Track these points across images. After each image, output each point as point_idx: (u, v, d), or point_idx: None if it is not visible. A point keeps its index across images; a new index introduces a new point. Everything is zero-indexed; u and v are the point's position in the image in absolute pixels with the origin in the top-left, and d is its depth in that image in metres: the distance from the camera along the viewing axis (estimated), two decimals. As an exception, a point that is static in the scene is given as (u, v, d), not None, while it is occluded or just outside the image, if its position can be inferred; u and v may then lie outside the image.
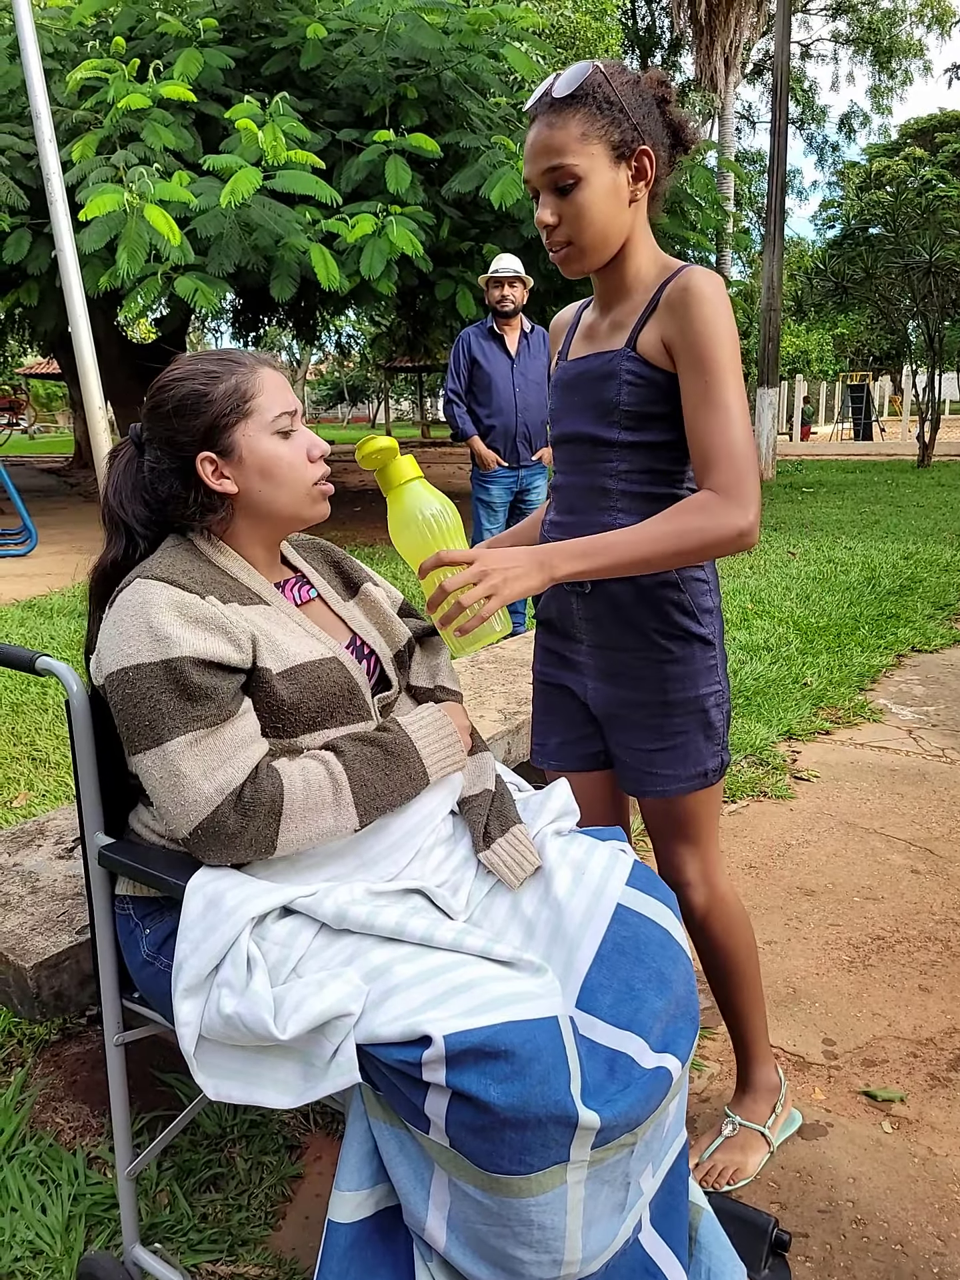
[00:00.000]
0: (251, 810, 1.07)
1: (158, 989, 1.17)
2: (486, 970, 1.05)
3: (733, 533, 1.19)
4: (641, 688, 1.42)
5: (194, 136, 6.78)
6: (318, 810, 1.10)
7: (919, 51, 25.55)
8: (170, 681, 1.07)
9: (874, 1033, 1.91)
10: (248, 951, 1.06)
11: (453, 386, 4.22)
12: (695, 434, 1.25)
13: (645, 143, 1.27)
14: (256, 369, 1.21)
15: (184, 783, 1.07)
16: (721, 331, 1.24)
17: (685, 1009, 1.14)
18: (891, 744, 3.42)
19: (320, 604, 1.34)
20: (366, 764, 1.14)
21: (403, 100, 7.11)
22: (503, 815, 1.30)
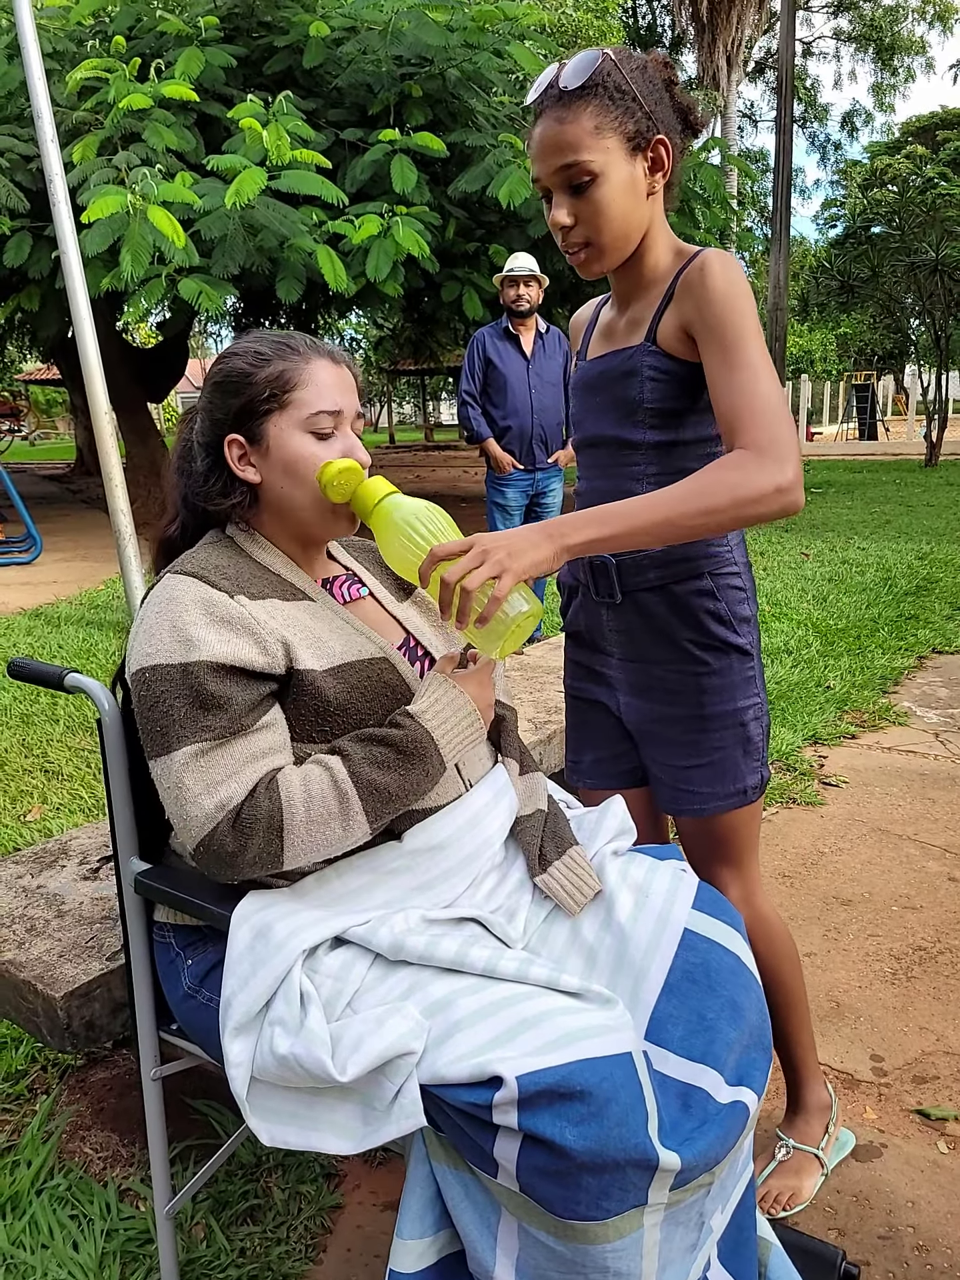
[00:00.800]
0: (249, 829, 1.01)
1: (200, 1024, 1.11)
2: (554, 1002, 0.99)
3: (769, 488, 1.05)
4: (676, 702, 1.35)
5: (196, 137, 6.70)
6: (323, 823, 1.03)
7: (921, 49, 25.51)
8: (185, 687, 1.02)
9: (922, 1048, 1.85)
10: (300, 986, 1.00)
11: (467, 388, 4.16)
12: (720, 397, 1.14)
13: (660, 131, 1.20)
14: (310, 359, 1.14)
15: (186, 796, 1.01)
16: (738, 299, 1.16)
17: (759, 1038, 1.08)
18: (919, 748, 3.36)
19: (372, 602, 1.28)
20: (376, 766, 1.05)
21: (407, 99, 7.03)
22: (558, 836, 1.23)
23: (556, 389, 4.23)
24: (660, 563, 1.31)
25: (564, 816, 1.29)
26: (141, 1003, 1.18)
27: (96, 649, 4.58)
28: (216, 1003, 1.09)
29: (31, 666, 1.19)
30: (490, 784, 1.21)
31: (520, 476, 4.26)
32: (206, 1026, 1.10)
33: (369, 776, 1.04)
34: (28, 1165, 1.48)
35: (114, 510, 4.55)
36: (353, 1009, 1.02)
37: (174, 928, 1.18)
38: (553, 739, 2.16)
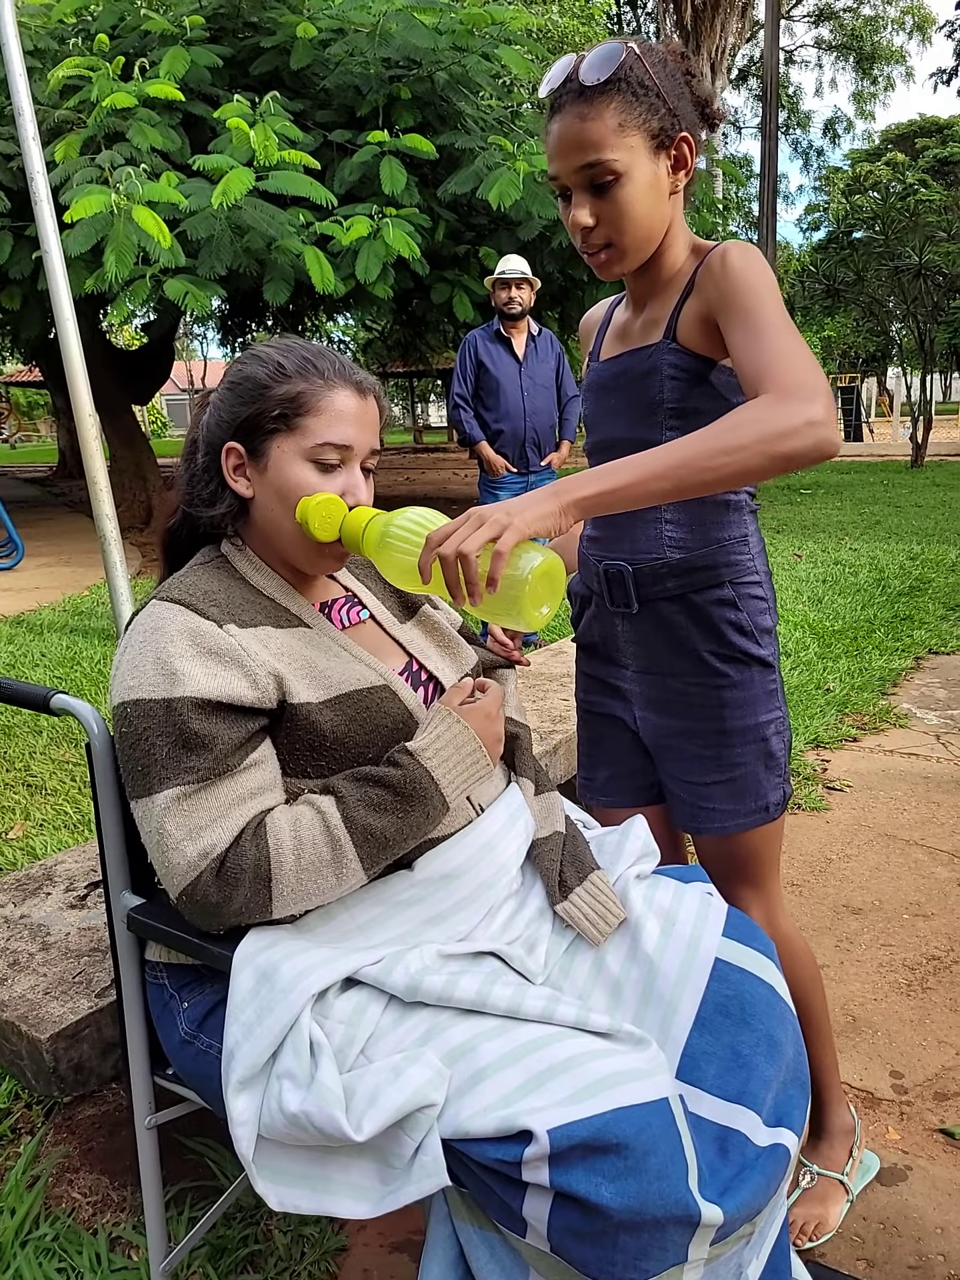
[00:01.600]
0: (235, 879, 0.94)
1: (199, 1071, 1.03)
2: (584, 1045, 0.92)
3: (799, 421, 0.93)
4: (696, 716, 1.29)
5: (182, 137, 6.61)
6: (314, 871, 0.96)
7: (900, 58, 25.66)
8: (168, 725, 0.95)
9: (942, 1063, 1.79)
10: (310, 1035, 0.92)
11: (459, 390, 4.09)
12: (742, 358, 1.05)
13: (683, 128, 1.14)
14: (334, 386, 1.06)
15: (168, 843, 0.94)
16: (759, 275, 1.10)
17: (796, 1074, 1.01)
18: (920, 750, 3.32)
19: (372, 626, 1.20)
20: (372, 810, 0.98)
21: (396, 101, 6.97)
22: (578, 860, 1.16)
23: (549, 391, 4.18)
24: (679, 571, 1.25)
25: (583, 839, 1.22)
26: (135, 1048, 1.10)
27: (81, 657, 4.48)
28: (217, 1049, 1.01)
29: (13, 687, 1.11)
30: (504, 806, 1.15)
31: (513, 479, 4.20)
32: (206, 1074, 1.02)
33: (364, 820, 0.97)
34: (11, 1214, 1.38)
35: (99, 515, 4.46)
36: (367, 1057, 0.94)
37: (167, 967, 1.10)
38: (558, 749, 2.09)
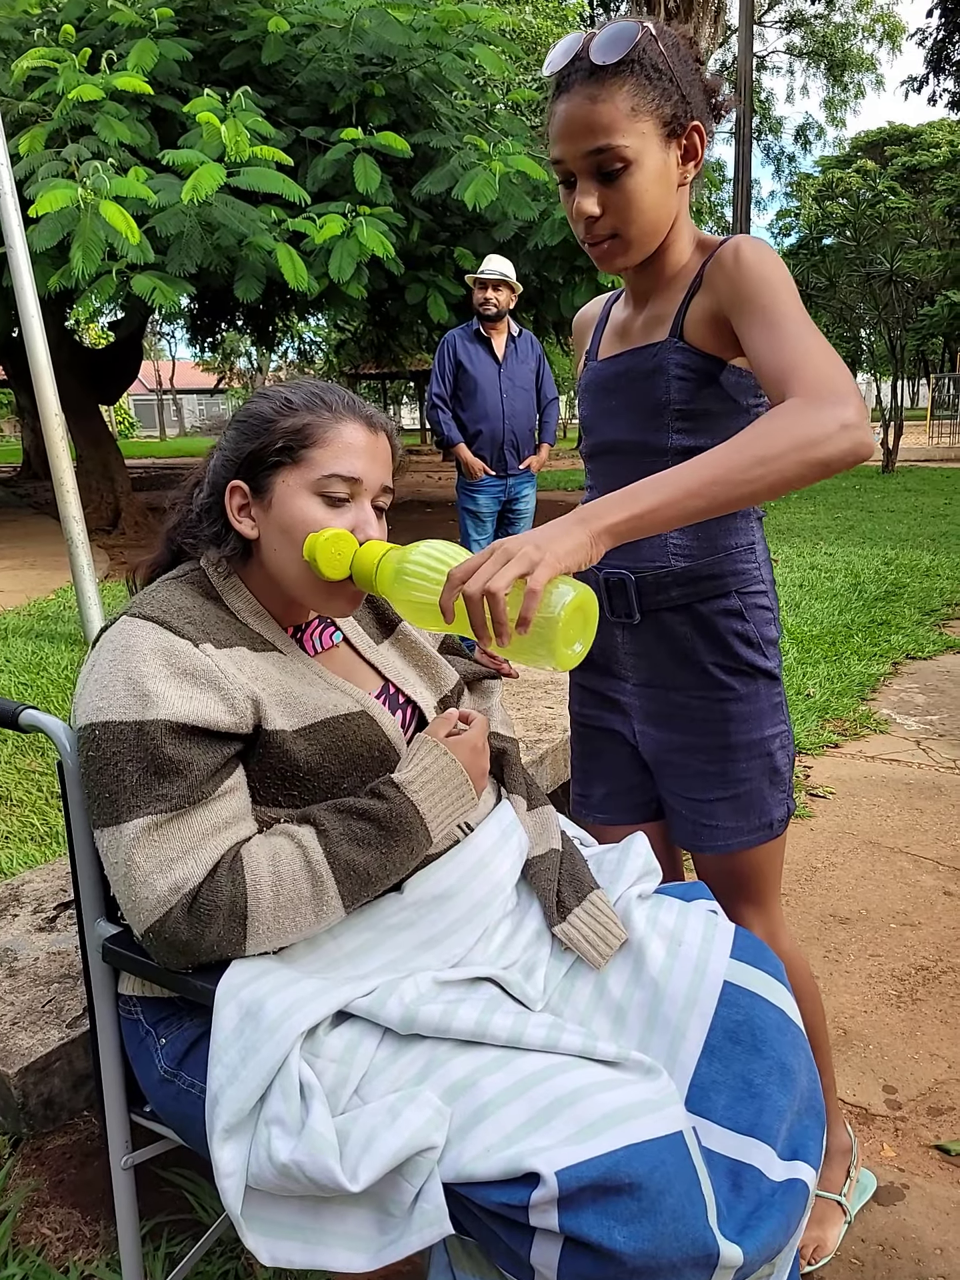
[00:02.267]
0: (208, 916, 0.89)
1: (180, 1111, 0.97)
2: (590, 1075, 0.87)
3: (834, 425, 0.88)
4: (699, 730, 1.24)
5: (151, 132, 6.49)
6: (293, 908, 0.91)
7: (871, 66, 25.97)
8: (140, 749, 0.89)
9: (935, 1076, 1.76)
10: (300, 1076, 0.86)
11: (437, 391, 4.03)
12: (763, 359, 0.99)
13: (695, 117, 1.09)
14: (342, 419, 1.01)
15: (136, 876, 0.88)
16: (774, 269, 1.05)
17: (810, 1104, 0.97)
18: (902, 756, 3.31)
19: (346, 650, 1.14)
20: (355, 844, 0.93)
21: (369, 98, 6.90)
22: (576, 880, 1.11)
23: (529, 394, 4.13)
24: (683, 580, 1.20)
25: (581, 856, 1.17)
26: (110, 1086, 1.04)
27: (47, 663, 4.37)
28: (199, 1089, 0.95)
29: (-21, 701, 1.04)
30: (496, 823, 1.09)
31: (492, 482, 4.15)
32: (187, 1115, 0.96)
33: (347, 856, 0.92)
34: (-24, 1251, 1.31)
35: (65, 517, 4.36)
36: (361, 1097, 0.88)
37: (142, 1001, 1.03)
38: (545, 759, 2.04)
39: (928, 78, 16.60)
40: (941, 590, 5.65)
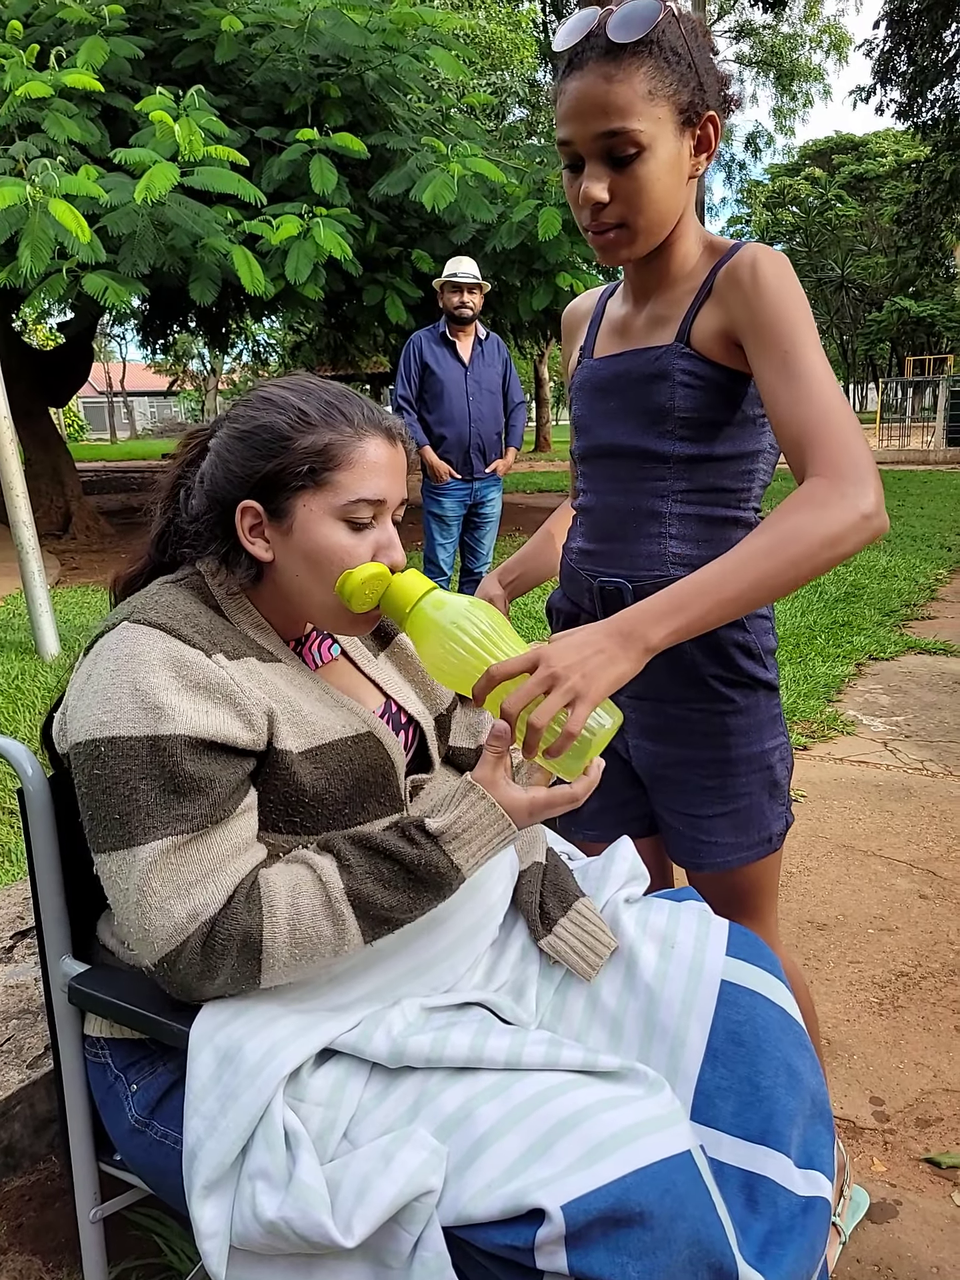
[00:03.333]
0: (223, 948, 0.82)
1: (152, 1164, 0.91)
2: (591, 1094, 0.82)
3: (856, 517, 0.91)
4: (699, 744, 1.20)
5: (101, 130, 6.37)
6: (311, 946, 0.85)
7: (819, 76, 26.43)
8: (156, 766, 0.82)
9: (921, 1086, 1.74)
10: (284, 1124, 0.80)
11: (403, 393, 3.98)
12: (781, 411, 0.99)
13: (711, 106, 1.04)
14: (364, 437, 0.94)
15: (152, 902, 0.81)
16: (794, 300, 1.02)
17: (820, 1108, 0.93)
18: (870, 757, 3.32)
19: (344, 664, 1.08)
20: (381, 885, 0.86)
21: (325, 99, 6.83)
22: (560, 889, 1.07)
23: (495, 397, 4.10)
24: None
25: (565, 867, 1.13)
26: (77, 1135, 0.97)
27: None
28: (174, 1139, 0.88)
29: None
30: None
31: (457, 486, 4.11)
32: (161, 1167, 0.89)
33: (370, 896, 0.85)
34: (-69, 1306, 1.23)
35: (15, 521, 4.23)
36: (350, 1141, 0.83)
37: (111, 1043, 0.97)
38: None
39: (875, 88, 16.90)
40: (899, 591, 5.71)
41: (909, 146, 24.41)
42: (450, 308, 3.96)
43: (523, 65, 15.84)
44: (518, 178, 7.10)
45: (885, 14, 16.00)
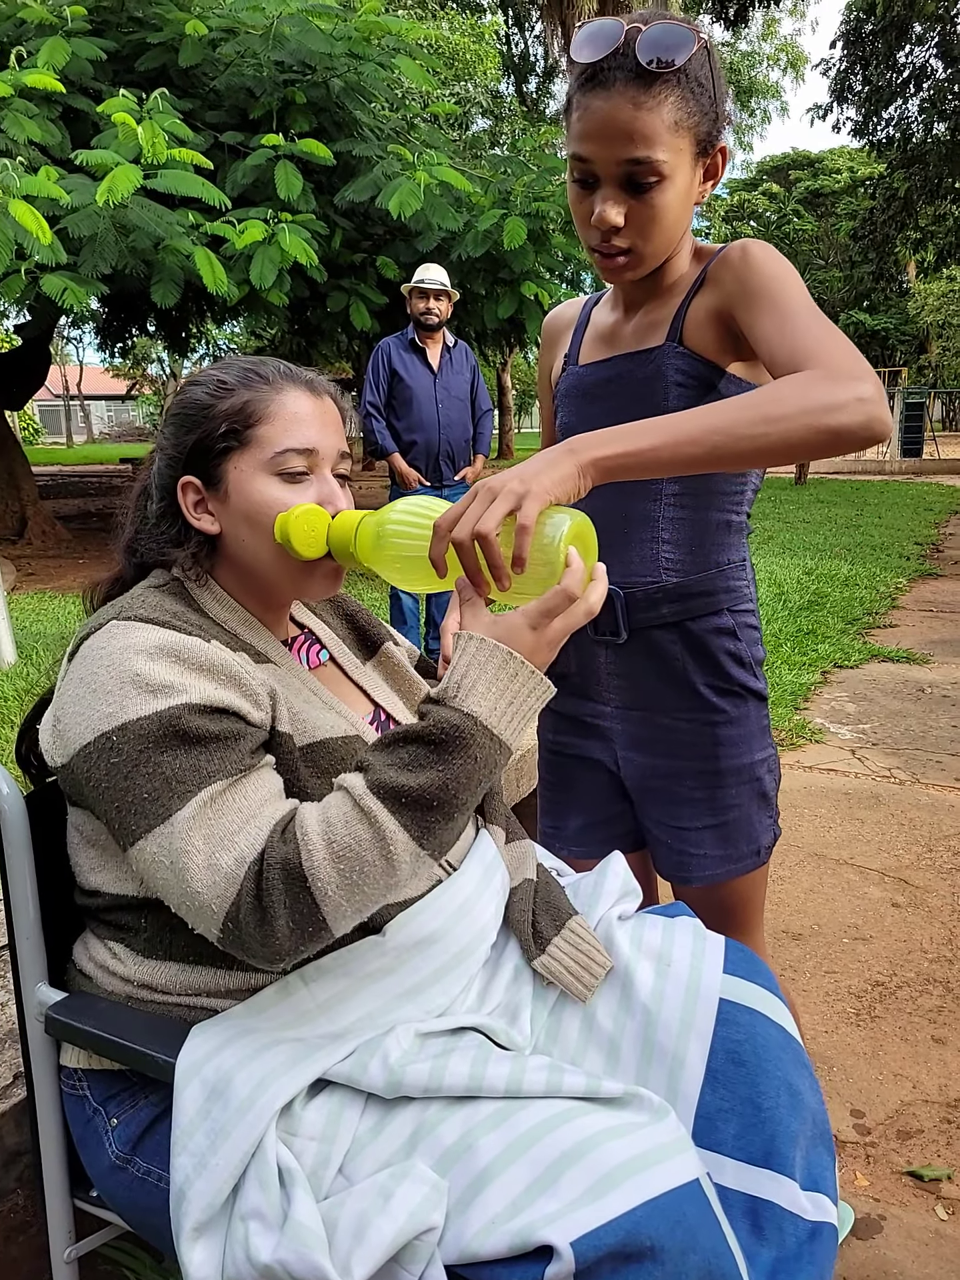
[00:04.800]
0: (270, 886, 0.76)
1: (135, 1202, 0.87)
2: (595, 1123, 0.79)
3: (849, 396, 0.84)
4: (688, 755, 1.19)
5: (62, 131, 6.28)
6: (354, 856, 0.76)
7: (776, 93, 26.87)
8: (173, 736, 0.78)
9: (901, 1098, 1.75)
10: (278, 1160, 0.77)
11: (371, 399, 3.95)
12: (774, 347, 0.94)
13: (722, 138, 1.04)
14: (282, 389, 0.93)
15: (198, 861, 0.76)
16: (786, 269, 1.01)
17: (820, 1129, 0.91)
18: (838, 765, 3.34)
19: (333, 669, 1.07)
20: (404, 770, 0.77)
21: (290, 105, 6.80)
22: (553, 907, 1.05)
23: (463, 404, 4.08)
24: (675, 596, 1.15)
25: (557, 883, 1.11)
26: (51, 1172, 0.93)
27: (-45, 682, 4.12)
28: (158, 1175, 0.85)
29: None
30: (478, 860, 1.01)
31: (426, 493, 4.08)
32: (144, 1205, 0.85)
33: (394, 781, 0.76)
34: None
35: (-26, 528, 4.12)
36: (346, 1177, 0.80)
37: (89, 1075, 0.92)
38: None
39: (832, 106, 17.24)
40: (861, 599, 5.79)
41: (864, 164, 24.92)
42: (417, 313, 3.95)
43: (485, 76, 15.90)
44: (483, 187, 7.11)
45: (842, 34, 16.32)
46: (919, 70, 15.65)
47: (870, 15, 15.32)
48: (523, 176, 7.13)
